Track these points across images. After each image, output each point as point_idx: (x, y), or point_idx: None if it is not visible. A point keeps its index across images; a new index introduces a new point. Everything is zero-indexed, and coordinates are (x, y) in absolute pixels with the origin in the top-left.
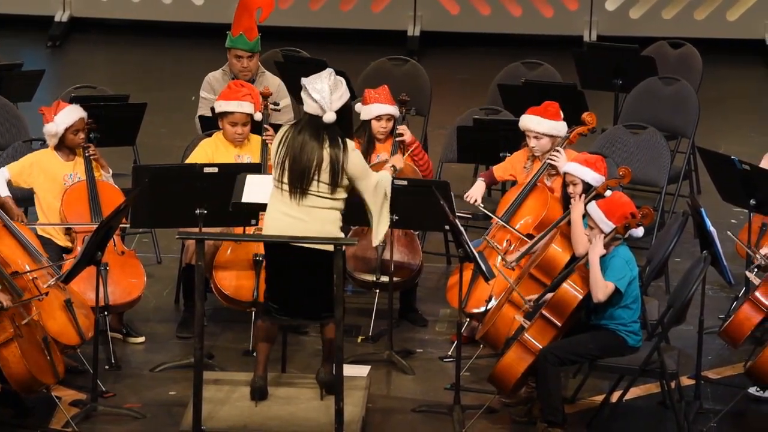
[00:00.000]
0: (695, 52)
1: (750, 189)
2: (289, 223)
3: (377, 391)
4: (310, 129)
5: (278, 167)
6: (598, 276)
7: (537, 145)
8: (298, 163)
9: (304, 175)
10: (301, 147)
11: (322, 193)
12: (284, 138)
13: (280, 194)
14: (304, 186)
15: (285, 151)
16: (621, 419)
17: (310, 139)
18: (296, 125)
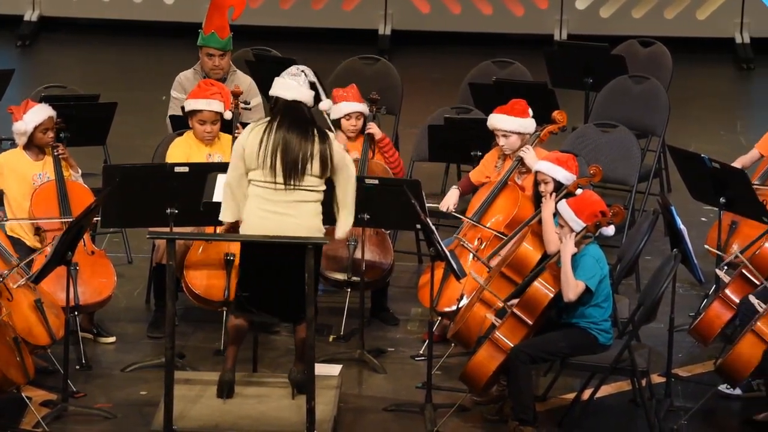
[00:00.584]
0: (665, 50)
1: (720, 187)
2: (277, 221)
3: (349, 390)
4: (296, 122)
5: (264, 165)
6: (569, 275)
7: (506, 143)
8: (291, 158)
9: (298, 170)
10: (289, 141)
11: (312, 187)
12: (265, 135)
13: (266, 192)
14: (298, 180)
15: (272, 148)
16: (592, 417)
17: (299, 132)
18: (275, 120)
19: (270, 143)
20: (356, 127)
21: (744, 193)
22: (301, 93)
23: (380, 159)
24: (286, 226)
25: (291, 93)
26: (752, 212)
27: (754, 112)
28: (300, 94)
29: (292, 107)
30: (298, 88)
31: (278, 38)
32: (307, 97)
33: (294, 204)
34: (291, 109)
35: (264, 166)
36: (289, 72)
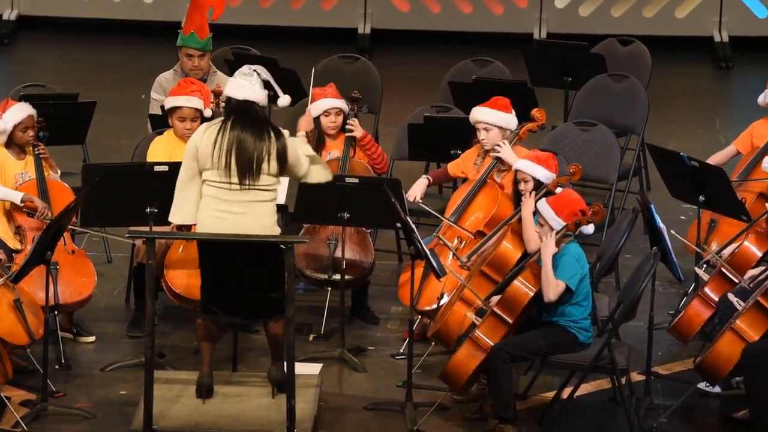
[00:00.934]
0: (644, 49)
1: (699, 185)
2: (232, 221)
3: (329, 388)
4: (249, 121)
5: (219, 165)
6: (549, 276)
7: (487, 137)
8: (245, 158)
9: (253, 169)
10: (244, 141)
11: (267, 186)
12: (219, 135)
13: (220, 192)
14: (253, 180)
15: (226, 148)
16: (572, 415)
17: (252, 131)
18: (228, 120)
19: (224, 143)
20: (336, 124)
21: (723, 192)
22: (253, 92)
23: (363, 157)
24: (241, 226)
25: (242, 93)
26: (731, 210)
27: (733, 110)
28: (252, 93)
29: (244, 107)
30: (250, 88)
31: (258, 37)
32: (259, 97)
33: (249, 204)
34: (243, 109)
35: (218, 166)
36: (241, 72)
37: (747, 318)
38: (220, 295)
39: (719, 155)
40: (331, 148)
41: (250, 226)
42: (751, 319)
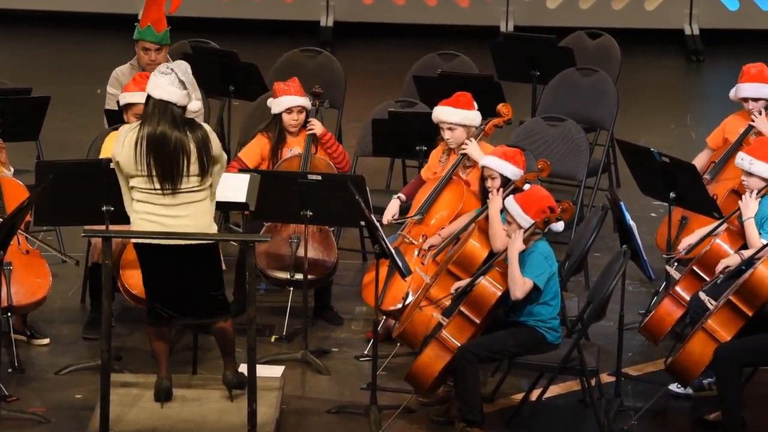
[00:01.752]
0: (613, 42)
1: (670, 182)
2: (168, 225)
3: (291, 391)
4: (168, 121)
5: (142, 172)
6: (516, 273)
7: (451, 137)
8: (166, 163)
9: (175, 171)
10: (164, 142)
11: (194, 186)
12: (138, 140)
13: (150, 198)
14: (177, 182)
15: (146, 154)
16: (541, 417)
17: (172, 131)
18: (145, 122)
19: (144, 149)
20: (298, 122)
21: (694, 188)
22: (169, 92)
23: (324, 155)
24: (177, 230)
25: (158, 92)
26: (702, 207)
27: (704, 104)
28: (167, 93)
29: (161, 107)
30: (166, 87)
31: (217, 30)
32: (176, 96)
33: (182, 206)
34: (159, 109)
35: (142, 172)
36: (158, 70)
37: (719, 317)
38: (163, 297)
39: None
40: (292, 144)
41: (185, 228)
42: (722, 318)
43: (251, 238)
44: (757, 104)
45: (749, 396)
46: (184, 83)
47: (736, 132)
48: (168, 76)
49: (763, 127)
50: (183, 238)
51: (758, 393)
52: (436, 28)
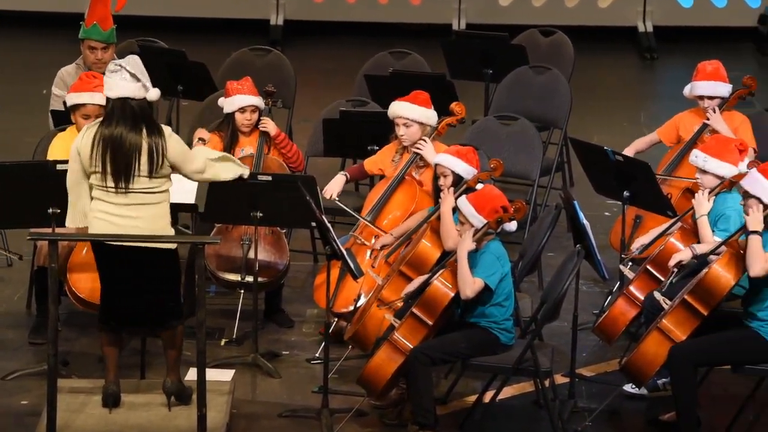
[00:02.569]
0: (567, 40)
1: (623, 181)
2: (121, 225)
3: (242, 395)
4: (127, 118)
5: (98, 169)
6: (465, 272)
7: (406, 133)
8: (120, 160)
9: (128, 170)
10: (119, 142)
11: (146, 188)
12: (98, 137)
13: (106, 196)
14: (130, 183)
15: (102, 151)
16: (494, 419)
17: (129, 129)
18: (105, 121)
19: (101, 146)
20: (251, 121)
21: (648, 187)
22: (124, 88)
23: (277, 155)
24: (131, 231)
25: (114, 92)
26: (657, 206)
27: (657, 102)
28: (122, 90)
29: (119, 106)
30: (119, 84)
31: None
32: (132, 91)
33: (135, 207)
34: (118, 108)
35: (98, 169)
36: (108, 70)
37: (673, 317)
38: (116, 302)
39: (640, 142)
40: (244, 144)
41: (137, 231)
42: (677, 318)
43: (201, 240)
44: (713, 102)
45: (704, 396)
46: (136, 75)
47: (691, 129)
48: (118, 73)
49: (718, 125)
50: (129, 240)
51: (713, 393)
52: (388, 26)
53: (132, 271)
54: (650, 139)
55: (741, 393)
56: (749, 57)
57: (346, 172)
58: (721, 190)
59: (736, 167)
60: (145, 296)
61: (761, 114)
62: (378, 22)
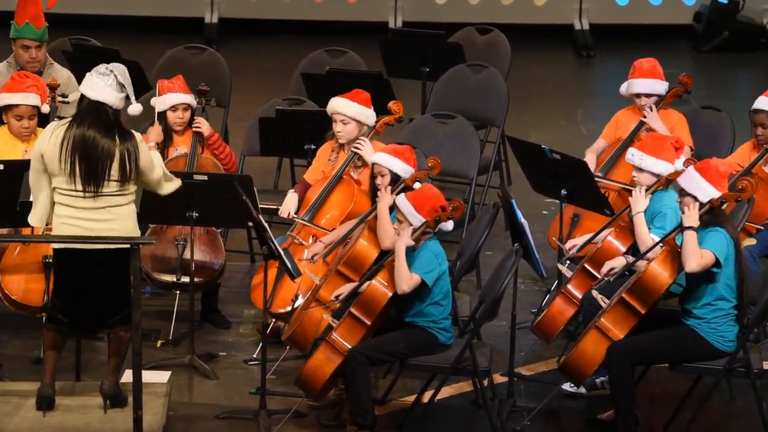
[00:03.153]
0: (503, 38)
1: (561, 179)
2: (89, 229)
3: (178, 397)
4: (96, 124)
5: (66, 172)
6: (402, 266)
7: (343, 130)
8: (91, 164)
9: (98, 176)
10: (90, 146)
11: (115, 191)
12: (66, 139)
13: (72, 200)
14: (100, 187)
15: (71, 154)
16: (433, 419)
17: (103, 135)
18: (76, 121)
19: (70, 148)
20: (183, 120)
21: (585, 185)
22: (105, 94)
23: (210, 155)
24: (98, 234)
25: (95, 93)
26: (594, 204)
27: (594, 100)
28: (104, 94)
29: (95, 108)
30: (103, 89)
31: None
32: (112, 99)
33: (104, 210)
34: (93, 110)
35: (66, 173)
36: (97, 70)
37: (611, 315)
38: (69, 303)
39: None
40: (177, 144)
41: (108, 233)
42: (615, 316)
43: (135, 241)
44: (649, 100)
45: (642, 395)
46: (123, 86)
47: (629, 127)
48: (106, 78)
49: (655, 123)
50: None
51: (651, 391)
52: (324, 24)
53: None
54: (598, 147)
55: (679, 391)
56: (685, 54)
57: (295, 189)
58: (658, 188)
59: (672, 165)
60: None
61: (697, 112)
62: (314, 20)
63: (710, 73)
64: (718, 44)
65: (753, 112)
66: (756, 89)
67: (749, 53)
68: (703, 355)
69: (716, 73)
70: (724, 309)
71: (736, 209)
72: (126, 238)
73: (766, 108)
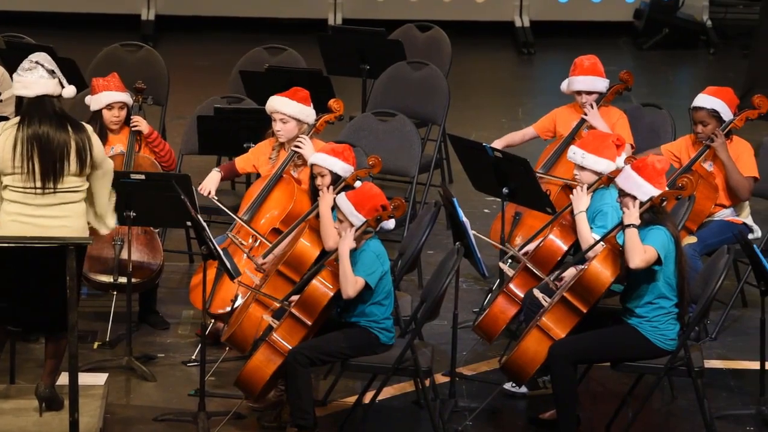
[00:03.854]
0: (444, 35)
1: (502, 177)
2: (42, 226)
3: (116, 400)
4: (50, 116)
5: (21, 170)
6: (347, 271)
7: (283, 129)
8: (49, 160)
9: (56, 171)
10: (45, 141)
11: (75, 187)
12: (20, 137)
13: (25, 197)
14: (59, 183)
15: (27, 151)
16: (375, 420)
17: (56, 128)
18: (25, 122)
19: (26, 147)
20: (119, 119)
21: (527, 183)
22: (41, 86)
23: (148, 153)
24: (51, 231)
25: (32, 90)
26: (535, 203)
27: (535, 97)
28: (41, 87)
29: (38, 104)
30: (37, 82)
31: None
32: (51, 88)
33: (59, 207)
34: (37, 106)
35: (21, 170)
36: (22, 68)
37: (553, 314)
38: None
39: (514, 136)
40: (114, 142)
41: (60, 230)
42: (557, 315)
43: (71, 241)
44: (590, 97)
45: (584, 394)
46: (54, 71)
47: (569, 125)
48: (34, 71)
49: (596, 120)
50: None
51: (593, 390)
52: (263, 21)
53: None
54: (525, 133)
55: (620, 390)
56: (626, 52)
57: (220, 169)
58: (599, 186)
59: (613, 163)
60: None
61: (638, 109)
62: (252, 17)
63: (651, 70)
64: (658, 41)
65: (693, 109)
66: (696, 86)
67: (689, 50)
68: (645, 353)
69: (657, 71)
70: (665, 307)
71: (676, 207)
72: (61, 238)
73: (706, 105)
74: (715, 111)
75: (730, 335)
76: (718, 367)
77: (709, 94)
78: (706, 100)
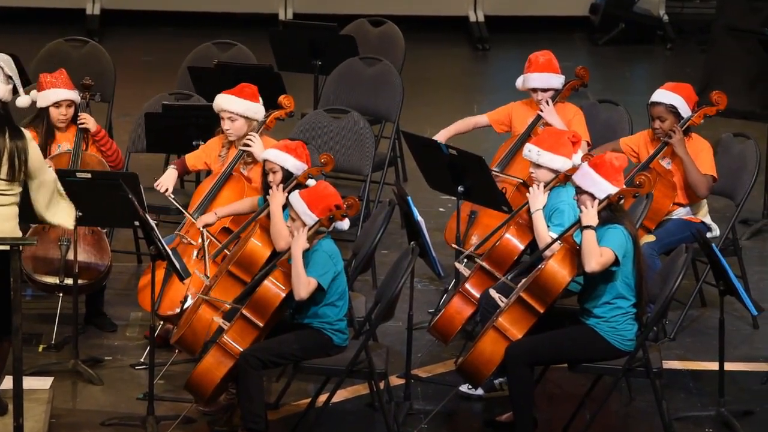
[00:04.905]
0: (397, 30)
1: (457, 175)
2: None
3: (62, 404)
4: None
5: None
6: (300, 272)
7: (231, 127)
8: None
9: None
10: None
11: (3, 191)
12: None
13: None
14: None
15: None
16: (328, 424)
17: None
18: None
19: None
20: (66, 117)
21: (483, 182)
22: None
23: (95, 152)
24: None
25: None
26: (491, 201)
27: (490, 94)
28: None
29: None
30: None
31: None
32: (1, 93)
33: None
34: None
35: None
36: None
37: (509, 315)
38: None
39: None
40: (61, 140)
41: None
42: (513, 316)
43: (16, 241)
44: (546, 94)
45: (541, 395)
46: (11, 78)
47: (524, 122)
48: None
49: (551, 117)
50: None
51: (550, 392)
52: (211, 16)
53: None
54: (477, 120)
55: (578, 392)
56: (581, 47)
57: (174, 165)
58: (556, 184)
59: (570, 160)
60: None
61: (594, 105)
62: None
63: (607, 66)
64: (614, 36)
65: (650, 105)
66: (653, 82)
67: (646, 45)
68: (603, 354)
69: (613, 66)
70: (623, 308)
71: (634, 205)
72: (5, 239)
73: (664, 101)
74: (673, 107)
75: (689, 335)
76: (676, 368)
77: (668, 90)
78: (664, 95)
